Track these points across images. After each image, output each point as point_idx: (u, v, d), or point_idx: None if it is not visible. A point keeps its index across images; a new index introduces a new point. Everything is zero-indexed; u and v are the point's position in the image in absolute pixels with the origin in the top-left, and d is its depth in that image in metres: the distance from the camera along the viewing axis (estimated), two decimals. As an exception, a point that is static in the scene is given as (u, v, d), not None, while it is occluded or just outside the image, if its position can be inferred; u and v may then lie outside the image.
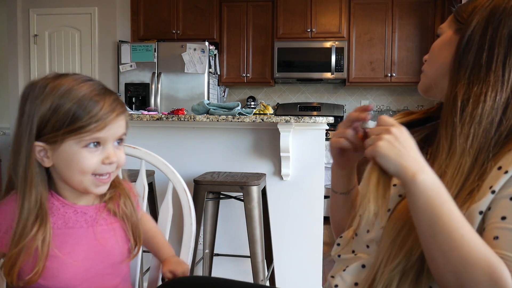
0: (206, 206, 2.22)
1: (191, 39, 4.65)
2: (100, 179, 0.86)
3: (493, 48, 0.76)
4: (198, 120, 2.30)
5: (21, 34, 4.75)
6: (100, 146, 0.84)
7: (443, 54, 0.83)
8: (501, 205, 0.69)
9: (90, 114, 0.81)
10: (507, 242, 0.66)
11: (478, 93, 0.75)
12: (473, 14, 0.80)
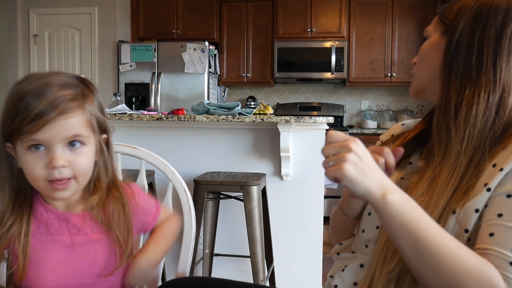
0: (206, 206, 2.22)
1: (191, 39, 4.65)
2: (55, 186, 0.78)
3: (482, 49, 0.75)
4: (198, 120, 2.30)
5: (21, 34, 4.75)
6: (45, 149, 0.77)
7: (432, 58, 0.82)
8: (497, 203, 0.69)
9: (25, 114, 0.74)
10: (501, 239, 0.66)
11: (470, 96, 0.75)
12: (459, 16, 0.79)
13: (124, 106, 2.87)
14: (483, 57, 0.75)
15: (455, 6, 0.80)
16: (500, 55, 0.75)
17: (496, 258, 0.65)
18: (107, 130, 0.87)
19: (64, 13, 4.74)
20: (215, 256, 2.43)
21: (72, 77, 0.81)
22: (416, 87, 0.87)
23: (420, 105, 4.96)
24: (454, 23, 0.79)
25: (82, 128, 0.79)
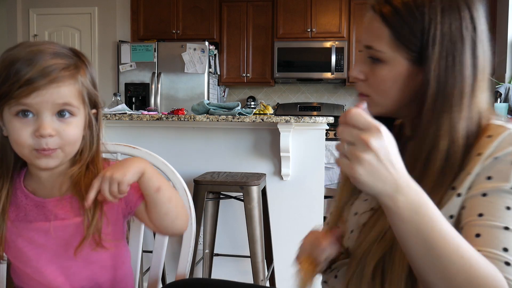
0: (206, 206, 2.22)
1: (191, 39, 4.65)
2: (41, 152, 0.76)
3: (463, 71, 0.71)
4: (198, 120, 2.29)
5: (21, 34, 4.75)
6: (33, 116, 0.75)
7: (400, 88, 0.75)
8: (475, 203, 0.69)
9: (16, 78, 0.72)
10: (489, 239, 0.65)
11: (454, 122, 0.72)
12: (427, 40, 0.71)
13: (124, 106, 2.87)
14: (465, 82, 0.72)
15: (417, 26, 0.71)
16: (477, 69, 0.73)
17: (492, 260, 0.64)
18: (98, 104, 0.85)
19: (64, 13, 4.74)
20: (215, 256, 2.43)
21: (66, 48, 0.80)
22: (379, 112, 0.78)
23: (420, 105, 4.96)
24: (425, 52, 0.71)
25: (72, 98, 0.78)
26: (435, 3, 0.71)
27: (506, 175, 0.68)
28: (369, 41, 0.75)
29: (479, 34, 0.73)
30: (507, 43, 3.73)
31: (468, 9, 0.72)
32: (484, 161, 0.70)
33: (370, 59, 0.76)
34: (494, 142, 0.70)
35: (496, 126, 0.72)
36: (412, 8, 0.71)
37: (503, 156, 0.69)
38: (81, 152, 0.84)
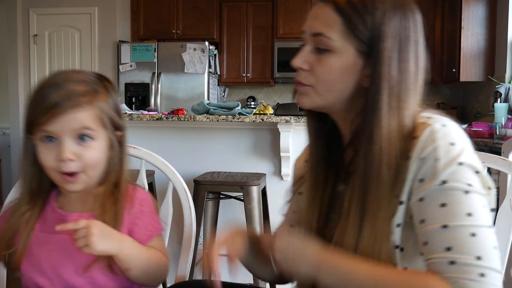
0: (206, 206, 2.22)
1: (191, 39, 4.65)
2: (65, 177, 0.81)
3: (408, 66, 0.73)
4: (198, 120, 2.29)
5: (21, 34, 4.75)
6: (56, 141, 0.80)
7: (345, 80, 0.74)
8: (416, 210, 0.69)
9: (39, 105, 0.78)
10: (434, 244, 0.66)
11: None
12: (380, 35, 0.71)
13: (124, 106, 2.87)
14: (409, 79, 0.73)
15: (367, 15, 0.71)
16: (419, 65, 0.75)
17: (437, 264, 0.64)
18: (121, 128, 0.88)
19: (64, 13, 4.74)
20: (215, 256, 2.43)
21: (91, 75, 0.85)
22: (319, 104, 0.77)
23: (420, 105, 4.95)
24: (375, 46, 0.71)
25: (90, 122, 0.81)
26: (387, 0, 0.73)
27: (433, 173, 0.67)
28: (318, 28, 0.74)
29: (420, 37, 0.76)
30: (507, 43, 3.73)
31: (413, 12, 0.75)
32: (414, 164, 0.69)
33: (316, 49, 0.75)
34: (419, 143, 0.69)
35: (421, 125, 0.71)
36: (366, 0, 0.72)
37: (427, 154, 0.68)
38: (107, 173, 0.87)
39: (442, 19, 4.50)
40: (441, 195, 0.66)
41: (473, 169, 0.68)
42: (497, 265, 0.63)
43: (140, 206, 0.89)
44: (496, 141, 2.71)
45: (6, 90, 4.83)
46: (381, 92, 0.71)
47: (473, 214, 0.65)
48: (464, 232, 0.64)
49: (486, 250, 0.63)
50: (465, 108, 4.73)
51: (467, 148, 0.69)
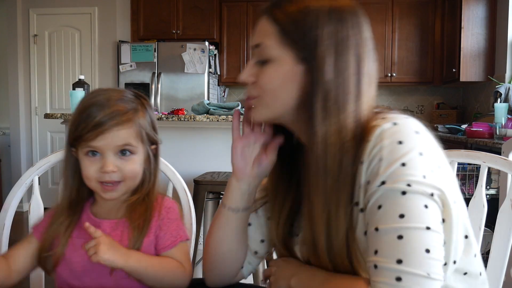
0: (206, 206, 2.22)
1: (191, 39, 4.65)
2: (104, 186, 0.88)
3: (347, 76, 0.72)
4: (198, 120, 2.29)
5: (21, 34, 4.75)
6: (100, 155, 0.87)
7: (288, 88, 0.73)
8: (366, 213, 0.68)
9: (85, 123, 0.85)
10: (369, 247, 0.66)
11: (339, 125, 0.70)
12: (315, 40, 0.70)
13: (124, 106, 2.87)
14: (349, 82, 0.71)
15: (306, 25, 0.71)
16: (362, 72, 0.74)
17: (368, 268, 0.65)
18: (156, 142, 0.96)
19: (64, 13, 4.74)
20: (215, 256, 2.43)
21: (130, 94, 0.93)
22: (269, 116, 0.77)
23: (420, 105, 4.96)
24: (311, 51, 0.71)
25: (131, 139, 0.88)
26: (323, 6, 0.72)
27: (376, 174, 0.66)
28: (257, 39, 0.75)
29: (363, 39, 0.74)
30: (507, 43, 3.73)
31: (354, 16, 0.73)
32: (365, 167, 0.68)
33: (259, 62, 0.75)
34: (369, 146, 0.68)
35: (372, 127, 0.69)
36: (301, 7, 0.72)
37: (373, 155, 0.67)
38: (141, 183, 0.94)
39: (442, 19, 4.50)
40: (379, 196, 0.65)
41: (420, 168, 0.65)
42: (423, 269, 0.60)
43: (166, 213, 0.93)
44: (496, 141, 2.71)
45: (6, 90, 4.83)
46: (316, 97, 0.70)
47: (407, 215, 0.63)
48: (391, 234, 0.63)
49: (410, 254, 0.61)
50: (465, 108, 4.73)
51: (419, 146, 0.67)
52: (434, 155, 0.68)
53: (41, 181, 1.30)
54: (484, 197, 1.04)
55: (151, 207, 0.92)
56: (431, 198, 0.64)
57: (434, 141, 0.71)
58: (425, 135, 0.69)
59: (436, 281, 0.61)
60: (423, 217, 0.63)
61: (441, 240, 0.64)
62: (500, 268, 1.00)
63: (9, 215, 1.13)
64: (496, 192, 2.38)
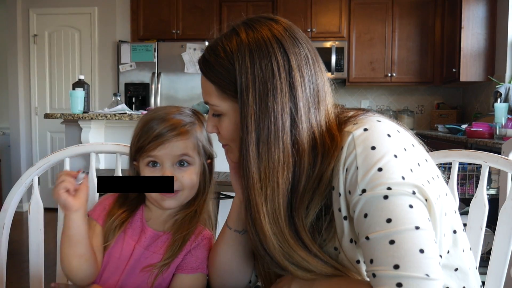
0: (206, 206, 2.21)
1: (191, 39, 4.65)
2: (164, 194, 0.92)
3: (277, 98, 0.72)
4: (198, 120, 2.28)
5: (20, 34, 4.74)
6: (160, 166, 0.92)
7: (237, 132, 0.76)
8: (354, 224, 0.68)
9: (147, 135, 0.91)
10: (364, 257, 0.66)
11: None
12: (243, 88, 0.72)
13: (124, 106, 2.87)
14: (282, 114, 0.71)
15: (232, 75, 0.73)
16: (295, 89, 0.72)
17: (369, 278, 0.65)
18: (211, 156, 1.00)
19: (64, 13, 4.74)
20: (215, 256, 2.43)
21: (189, 110, 0.98)
22: (238, 158, 0.79)
23: (420, 105, 4.95)
24: (242, 99, 0.73)
25: (189, 150, 0.93)
26: (243, 49, 0.72)
27: (355, 183, 0.67)
28: (205, 98, 0.79)
29: (298, 62, 0.73)
30: (507, 43, 3.73)
31: (277, 44, 0.72)
32: (342, 175, 0.69)
33: (215, 115, 0.80)
34: (343, 154, 0.69)
35: (345, 134, 0.71)
36: (223, 59, 0.74)
37: (349, 164, 0.68)
38: (194, 197, 0.98)
39: (442, 19, 4.50)
40: (363, 205, 0.65)
41: (397, 170, 0.65)
42: (421, 270, 0.60)
43: (201, 241, 0.96)
44: (496, 141, 2.71)
45: (6, 90, 4.83)
46: (248, 139, 0.72)
47: (393, 219, 0.63)
48: (382, 241, 0.63)
49: (405, 257, 0.61)
50: (465, 108, 4.73)
51: (392, 149, 0.67)
52: (410, 155, 0.69)
53: (41, 181, 1.30)
54: (485, 197, 1.04)
55: (194, 228, 0.95)
56: (414, 196, 0.64)
57: (411, 140, 0.72)
58: (398, 137, 0.70)
59: (436, 280, 0.61)
60: (410, 217, 0.63)
61: (432, 237, 0.63)
62: (502, 268, 1.00)
63: (9, 215, 1.12)
64: (496, 192, 2.37)
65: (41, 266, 1.15)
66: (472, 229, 1.03)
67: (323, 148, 0.72)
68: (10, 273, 1.46)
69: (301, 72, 0.73)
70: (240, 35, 0.74)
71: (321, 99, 0.75)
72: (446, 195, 0.75)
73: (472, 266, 0.78)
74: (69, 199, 0.84)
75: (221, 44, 0.75)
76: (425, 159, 0.73)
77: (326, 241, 0.76)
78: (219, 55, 0.75)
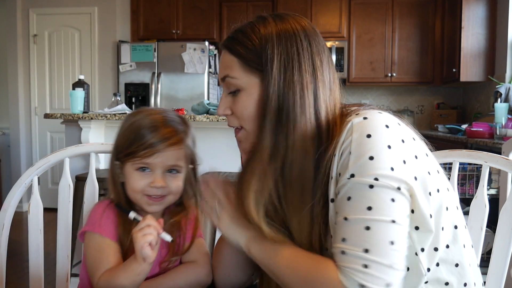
0: (206, 206, 2.21)
1: (191, 39, 4.64)
2: (151, 198, 0.94)
3: (303, 85, 0.76)
4: (198, 120, 2.29)
5: (20, 34, 4.74)
6: (150, 171, 0.93)
7: (260, 110, 0.78)
8: (336, 204, 0.71)
9: (141, 142, 0.92)
10: (336, 234, 0.69)
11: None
12: (268, 60, 0.76)
13: (124, 106, 2.87)
14: (303, 90, 0.75)
15: (258, 49, 0.77)
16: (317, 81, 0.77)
17: (334, 253, 0.68)
18: (195, 161, 1.03)
19: (64, 13, 4.73)
20: (215, 257, 2.43)
21: (176, 116, 0.99)
22: (253, 140, 0.81)
23: (420, 105, 4.95)
24: (267, 71, 0.76)
25: (180, 160, 0.95)
26: (270, 29, 0.78)
27: (346, 166, 0.70)
28: (223, 72, 0.81)
29: (316, 51, 0.78)
30: (507, 43, 3.73)
31: (301, 32, 0.78)
32: (336, 159, 0.72)
33: (230, 94, 0.81)
34: (341, 139, 0.72)
35: (346, 122, 0.73)
36: (250, 35, 0.78)
37: (344, 148, 0.71)
38: (183, 201, 1.02)
39: (442, 19, 4.50)
40: (348, 188, 0.69)
41: (388, 161, 0.68)
42: (387, 259, 0.64)
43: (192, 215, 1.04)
44: (496, 141, 2.71)
45: (6, 90, 4.83)
46: (269, 110, 0.76)
47: (374, 208, 0.66)
48: (359, 225, 0.66)
49: (376, 244, 0.65)
50: (465, 108, 4.73)
51: (387, 139, 0.69)
52: (407, 147, 0.71)
53: (40, 181, 1.30)
54: (486, 197, 1.04)
55: (186, 226, 1.00)
56: (398, 191, 0.67)
57: (410, 134, 0.75)
58: (397, 128, 0.72)
59: (399, 271, 0.65)
60: (389, 210, 0.66)
61: (405, 233, 0.68)
62: (502, 269, 1.00)
63: (9, 215, 1.12)
64: (496, 192, 2.37)
65: (41, 266, 1.14)
66: (472, 229, 1.03)
67: (328, 134, 0.75)
68: (10, 273, 1.46)
69: (321, 58, 0.78)
70: (268, 19, 0.80)
71: (332, 88, 0.79)
72: (448, 191, 0.77)
73: (473, 262, 0.78)
74: (150, 252, 0.83)
75: (249, 25, 0.80)
76: (425, 154, 0.75)
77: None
78: (246, 32, 0.79)
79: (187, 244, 1.00)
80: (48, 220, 1.35)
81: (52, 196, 1.66)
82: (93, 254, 0.92)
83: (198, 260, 1.01)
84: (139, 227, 0.84)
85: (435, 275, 0.73)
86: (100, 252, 0.92)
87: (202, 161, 1.06)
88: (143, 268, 0.85)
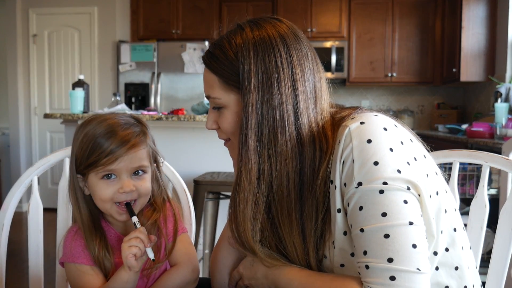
0: (206, 206, 2.22)
1: (191, 39, 4.64)
2: (120, 208, 0.93)
3: (281, 89, 0.74)
4: (198, 120, 2.29)
5: (20, 34, 4.74)
6: (116, 177, 0.92)
7: (239, 124, 0.78)
8: (348, 216, 0.69)
9: (100, 150, 0.89)
10: (357, 248, 0.67)
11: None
12: (245, 78, 0.74)
13: (124, 106, 2.87)
14: (284, 105, 0.74)
15: (235, 66, 0.76)
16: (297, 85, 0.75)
17: (360, 268, 0.66)
18: (158, 159, 1.01)
19: (64, 13, 4.73)
20: (215, 257, 2.43)
21: (129, 117, 0.97)
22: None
23: (421, 105, 4.95)
24: (244, 88, 0.75)
25: (144, 160, 0.94)
26: (247, 42, 0.75)
27: (350, 176, 0.68)
28: (207, 91, 0.81)
29: (299, 58, 0.76)
30: (507, 43, 3.73)
31: (281, 40, 0.75)
32: (338, 168, 0.70)
33: (215, 109, 0.81)
34: (340, 147, 0.70)
35: (342, 128, 0.72)
36: (227, 51, 0.76)
37: (345, 157, 0.69)
38: (154, 199, 1.01)
39: (442, 19, 4.50)
40: (358, 198, 0.67)
41: (393, 164, 0.67)
42: (413, 265, 0.63)
43: (168, 212, 1.02)
44: (497, 141, 2.71)
45: (6, 90, 4.82)
46: (249, 130, 0.74)
47: (389, 214, 0.64)
48: (377, 234, 0.64)
49: (399, 251, 0.63)
50: (466, 108, 4.73)
51: (388, 142, 0.68)
52: (407, 148, 0.70)
53: (40, 181, 1.30)
54: (486, 197, 1.04)
55: (166, 224, 0.99)
56: (409, 192, 0.66)
57: (408, 135, 0.74)
58: (394, 130, 0.71)
59: (425, 274, 0.64)
60: (404, 212, 0.65)
61: (423, 232, 0.66)
62: (502, 269, 1.00)
63: (8, 215, 1.12)
64: (496, 192, 2.37)
65: (41, 266, 1.14)
66: (472, 229, 1.03)
67: (320, 144, 0.74)
68: (10, 273, 1.46)
69: (302, 68, 0.76)
70: (245, 30, 0.77)
71: (318, 96, 0.78)
72: (446, 193, 0.76)
73: (472, 264, 0.78)
74: (134, 262, 0.84)
75: (226, 38, 0.78)
76: (423, 155, 0.74)
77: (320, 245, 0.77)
78: (223, 47, 0.77)
79: (170, 243, 0.98)
80: (48, 220, 1.35)
81: (52, 196, 1.66)
82: (75, 283, 0.93)
83: (181, 261, 1.00)
84: (128, 237, 0.85)
85: (434, 279, 0.72)
86: (80, 279, 0.92)
87: (201, 161, 1.04)
88: (130, 276, 0.86)
